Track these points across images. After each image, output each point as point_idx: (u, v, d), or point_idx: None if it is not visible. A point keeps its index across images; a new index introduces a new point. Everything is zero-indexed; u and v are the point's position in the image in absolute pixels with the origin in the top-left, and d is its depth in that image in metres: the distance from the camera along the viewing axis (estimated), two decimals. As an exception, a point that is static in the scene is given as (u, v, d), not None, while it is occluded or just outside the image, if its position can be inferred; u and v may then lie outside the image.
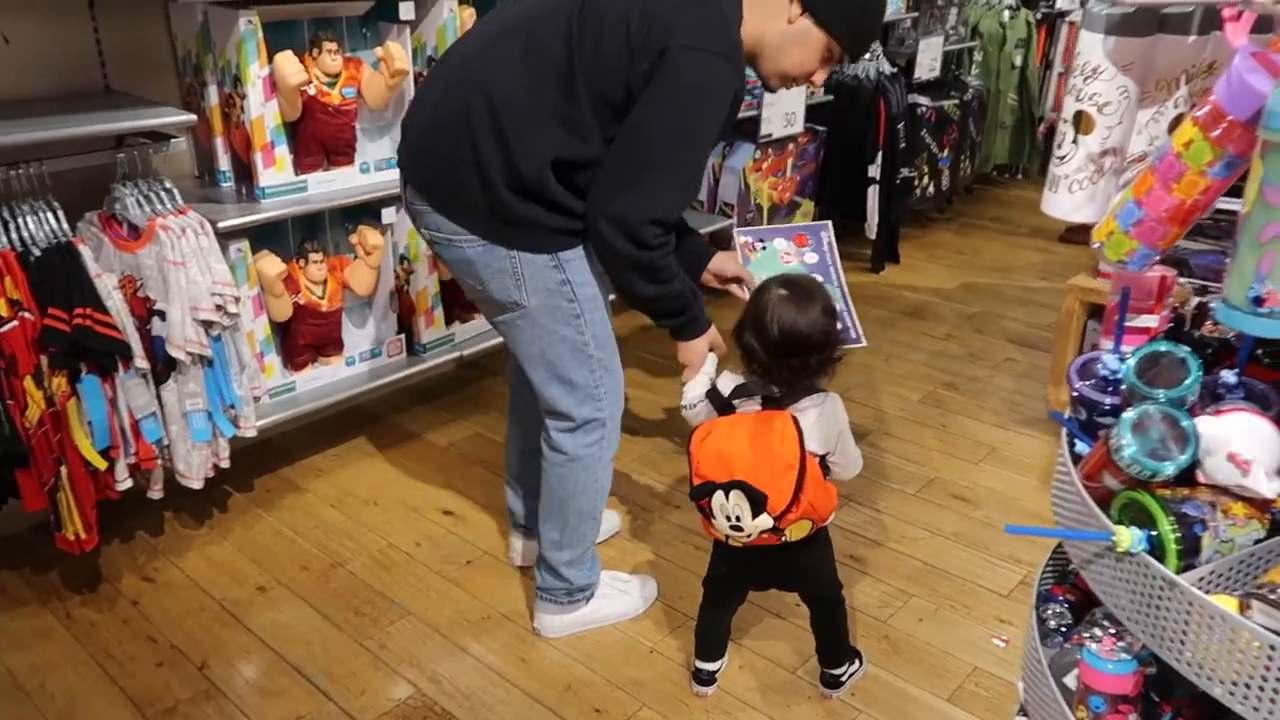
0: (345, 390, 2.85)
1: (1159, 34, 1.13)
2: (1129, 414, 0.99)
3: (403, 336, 2.98)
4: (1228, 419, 0.97)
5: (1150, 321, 1.24)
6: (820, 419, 1.78)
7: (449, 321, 3.09)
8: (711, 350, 1.99)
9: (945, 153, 4.89)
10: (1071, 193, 1.21)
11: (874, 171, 4.33)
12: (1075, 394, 1.21)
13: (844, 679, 2.08)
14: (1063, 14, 5.57)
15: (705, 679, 2.07)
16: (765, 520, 1.64)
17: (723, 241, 3.93)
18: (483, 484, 2.86)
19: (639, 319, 3.47)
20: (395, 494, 2.81)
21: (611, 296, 2.00)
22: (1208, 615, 0.89)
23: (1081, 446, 1.18)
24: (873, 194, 4.37)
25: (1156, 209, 1.04)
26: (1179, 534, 0.94)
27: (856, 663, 2.11)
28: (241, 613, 2.32)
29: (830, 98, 4.29)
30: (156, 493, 2.46)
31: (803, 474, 1.64)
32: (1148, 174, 1.06)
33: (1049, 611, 1.35)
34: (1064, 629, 1.34)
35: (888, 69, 4.33)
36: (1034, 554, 2.53)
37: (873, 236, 4.49)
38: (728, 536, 1.74)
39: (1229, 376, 1.11)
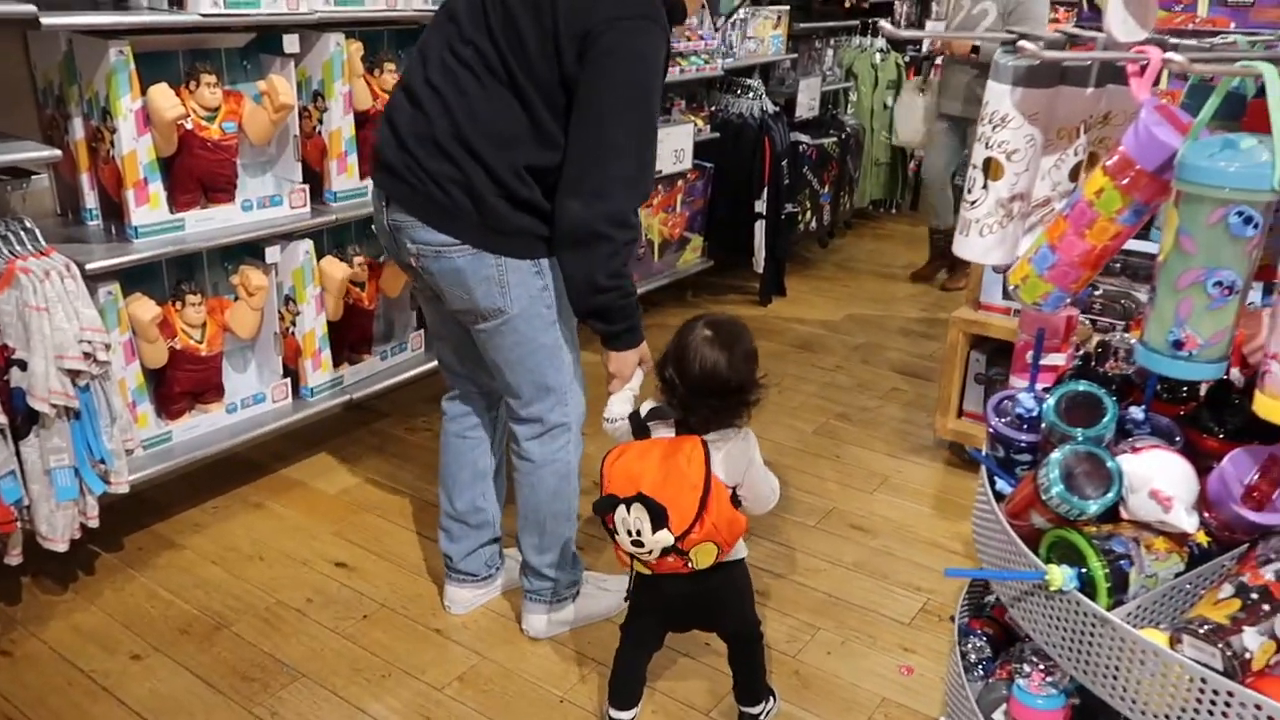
0: (226, 439, 2.70)
1: (1060, 85, 1.17)
2: (1055, 454, 1.01)
3: (288, 380, 2.85)
4: (1146, 457, 1.01)
5: (1058, 359, 1.29)
6: (730, 453, 1.80)
7: (337, 364, 2.97)
8: (640, 365, 2.01)
9: (826, 189, 5.04)
10: (982, 236, 1.24)
11: (760, 207, 4.42)
12: (991, 431, 1.24)
13: (760, 716, 2.07)
14: (929, 57, 5.85)
15: None
16: (665, 536, 1.65)
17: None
18: (376, 533, 2.74)
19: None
20: (282, 547, 2.66)
21: None
22: (1139, 650, 0.91)
23: (1001, 484, 1.21)
24: (759, 229, 4.46)
25: (1070, 254, 1.08)
26: (1108, 571, 0.96)
27: (771, 700, 2.10)
28: (114, 685, 2.15)
29: (716, 135, 4.36)
30: (15, 558, 2.26)
31: (706, 495, 1.66)
32: (1060, 220, 1.09)
33: (969, 645, 1.37)
34: (984, 662, 1.36)
35: (770, 108, 4.44)
36: (932, 581, 2.59)
37: (760, 270, 4.57)
38: (632, 556, 1.73)
39: (1137, 413, 1.15)
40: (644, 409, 1.86)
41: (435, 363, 3.23)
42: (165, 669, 2.20)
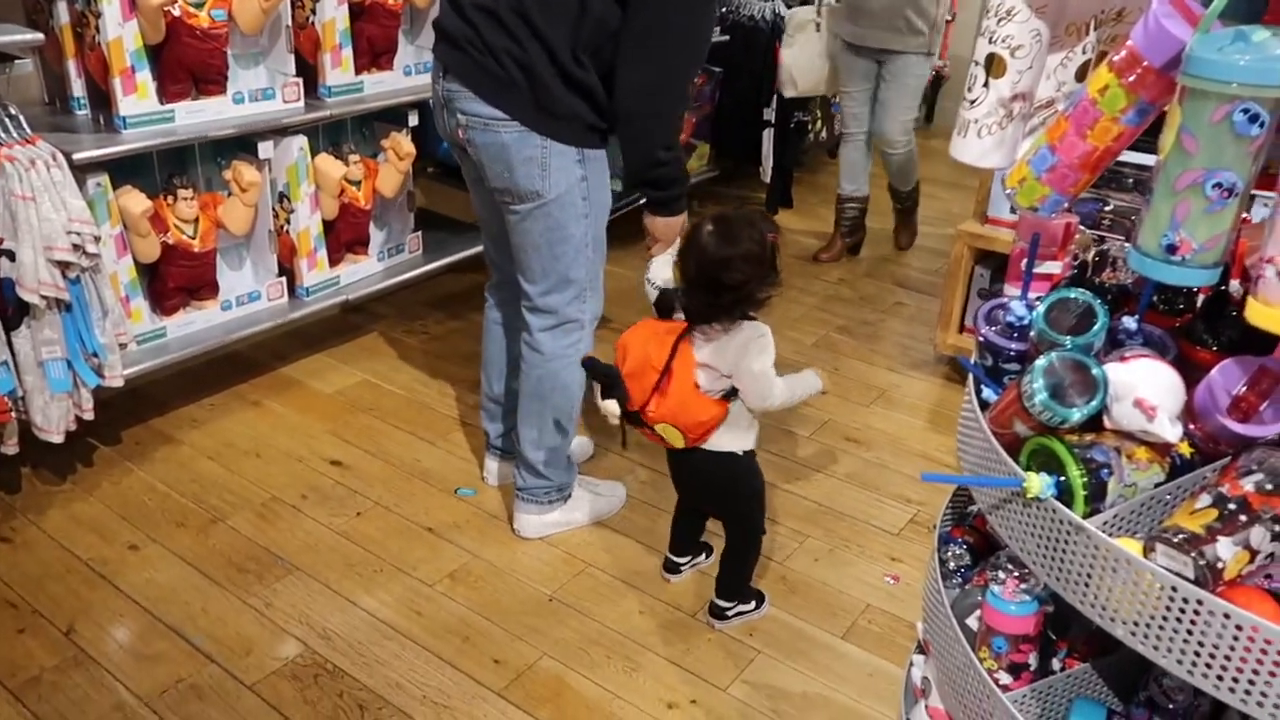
0: (221, 336, 2.69)
1: (1072, -24, 1.11)
2: (1040, 361, 0.99)
3: (283, 279, 2.83)
4: (1133, 365, 0.98)
5: (1054, 268, 1.25)
6: (726, 344, 1.83)
7: (334, 263, 2.94)
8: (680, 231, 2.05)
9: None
10: (980, 137, 1.20)
11: (769, 115, 4.31)
12: (981, 339, 1.22)
13: (730, 614, 2.10)
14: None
15: (670, 567, 2.22)
16: (613, 406, 1.81)
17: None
18: (372, 433, 2.75)
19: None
20: (278, 445, 2.68)
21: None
22: (1113, 559, 0.91)
23: (988, 393, 1.19)
24: (767, 138, 4.36)
25: (1070, 155, 1.03)
26: (1086, 479, 0.95)
27: (753, 604, 2.13)
28: (111, 573, 2.19)
29: (726, 38, 4.23)
30: (10, 448, 2.28)
31: (662, 378, 1.81)
32: (1062, 120, 1.05)
33: (948, 553, 1.37)
34: (963, 570, 1.36)
35: (784, 11, 4.29)
36: (922, 494, 2.60)
37: (767, 180, 4.49)
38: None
39: (1129, 323, 1.13)
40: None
41: (433, 265, 3.22)
42: (162, 559, 2.24)
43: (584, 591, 2.20)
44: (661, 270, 2.00)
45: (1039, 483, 0.96)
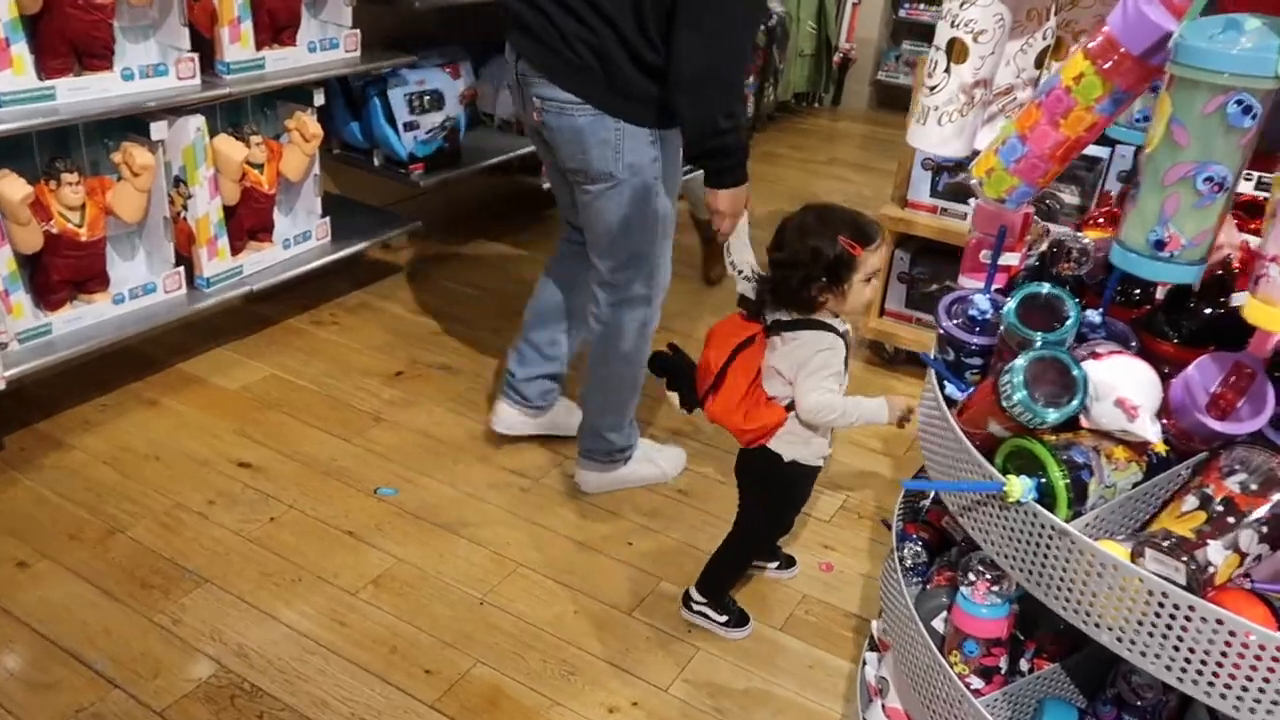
0: (113, 332, 2.50)
1: (1035, -41, 1.08)
2: (1019, 360, 0.95)
3: (181, 270, 2.64)
4: (1111, 363, 0.96)
5: (1011, 260, 1.23)
6: (793, 350, 1.75)
7: (236, 252, 2.77)
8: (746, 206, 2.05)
9: (751, 79, 4.89)
10: (941, 125, 1.16)
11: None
12: (942, 333, 1.18)
13: (695, 608, 2.05)
14: (858, -56, 5.68)
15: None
16: (673, 398, 1.89)
17: (533, 167, 3.76)
18: (282, 431, 2.61)
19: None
20: (181, 446, 2.51)
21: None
22: (1099, 564, 0.88)
23: (951, 389, 1.16)
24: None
25: (1041, 145, 1.00)
26: (1068, 481, 0.92)
27: (725, 619, 2.04)
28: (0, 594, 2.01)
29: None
30: (-122, 459, 2.07)
31: (718, 381, 1.80)
32: (1033, 108, 1.01)
33: (905, 550, 1.34)
34: (920, 567, 1.33)
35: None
36: (850, 480, 2.59)
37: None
38: None
39: (1093, 316, 1.11)
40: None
41: (342, 253, 3.07)
42: (55, 576, 2.07)
43: (516, 593, 2.12)
44: (742, 252, 1.91)
45: (1020, 486, 0.93)
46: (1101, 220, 1.41)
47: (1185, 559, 0.82)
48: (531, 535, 2.30)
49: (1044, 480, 0.93)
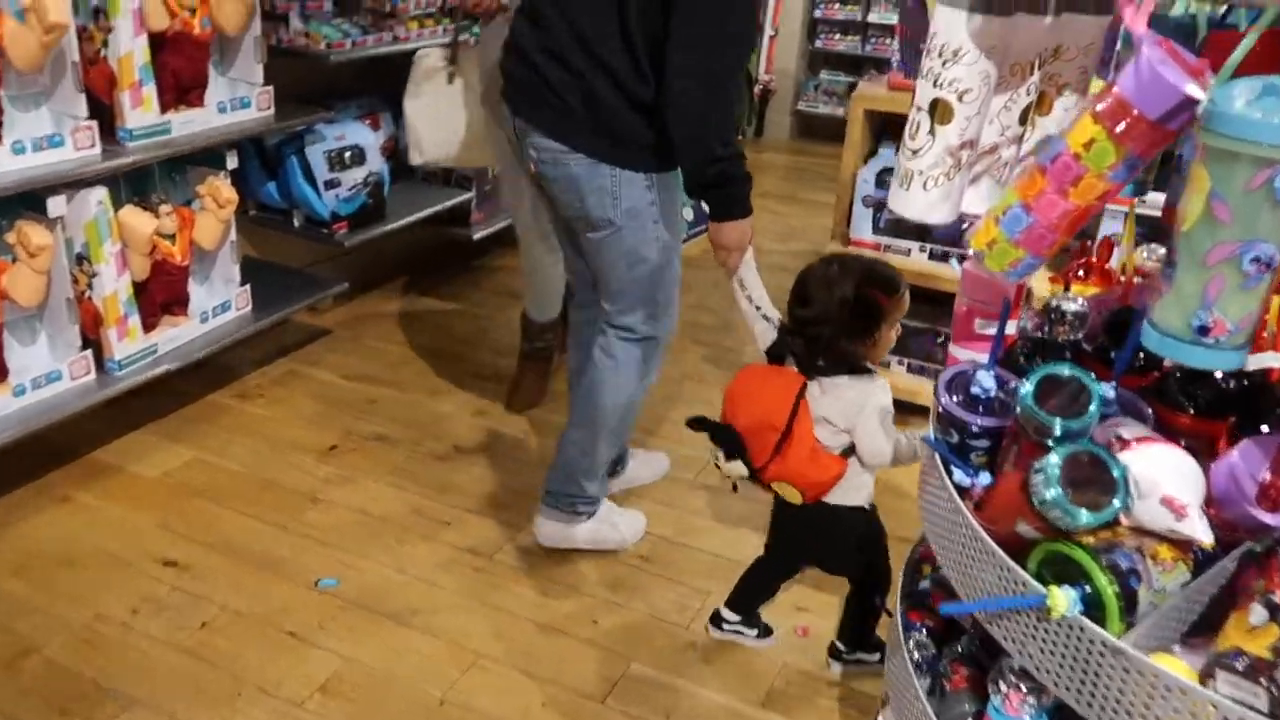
0: (15, 427, 2.29)
1: (1018, 12, 1.00)
2: (1053, 458, 0.86)
3: (89, 354, 2.44)
4: (1148, 455, 0.88)
5: (1008, 328, 1.15)
6: (844, 397, 1.72)
7: (149, 329, 2.58)
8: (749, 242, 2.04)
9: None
10: (926, 190, 1.08)
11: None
12: (942, 412, 1.09)
13: (847, 659, 2.04)
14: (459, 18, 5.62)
15: (714, 618, 2.11)
16: (739, 468, 1.74)
17: (462, 218, 3.63)
18: (210, 521, 2.41)
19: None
20: (98, 547, 2.30)
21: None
22: (1162, 686, 0.79)
23: (959, 475, 1.06)
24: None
25: (1048, 215, 0.93)
26: (1118, 590, 0.84)
27: (877, 656, 2.01)
28: (-107, 738, 1.79)
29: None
30: None
31: (784, 438, 1.69)
32: (1036, 175, 0.94)
33: (910, 642, 1.25)
34: (928, 660, 1.24)
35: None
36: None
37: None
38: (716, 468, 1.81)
39: (1107, 390, 1.03)
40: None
41: (265, 321, 2.89)
42: (-42, 711, 1.85)
43: (477, 688, 1.97)
44: (756, 288, 1.93)
45: (1064, 599, 0.84)
46: (1082, 274, 1.34)
47: (1265, 682, 0.74)
48: (489, 620, 2.16)
49: (1088, 589, 0.84)
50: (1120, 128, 0.87)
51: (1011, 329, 1.16)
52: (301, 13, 2.96)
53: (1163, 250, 1.40)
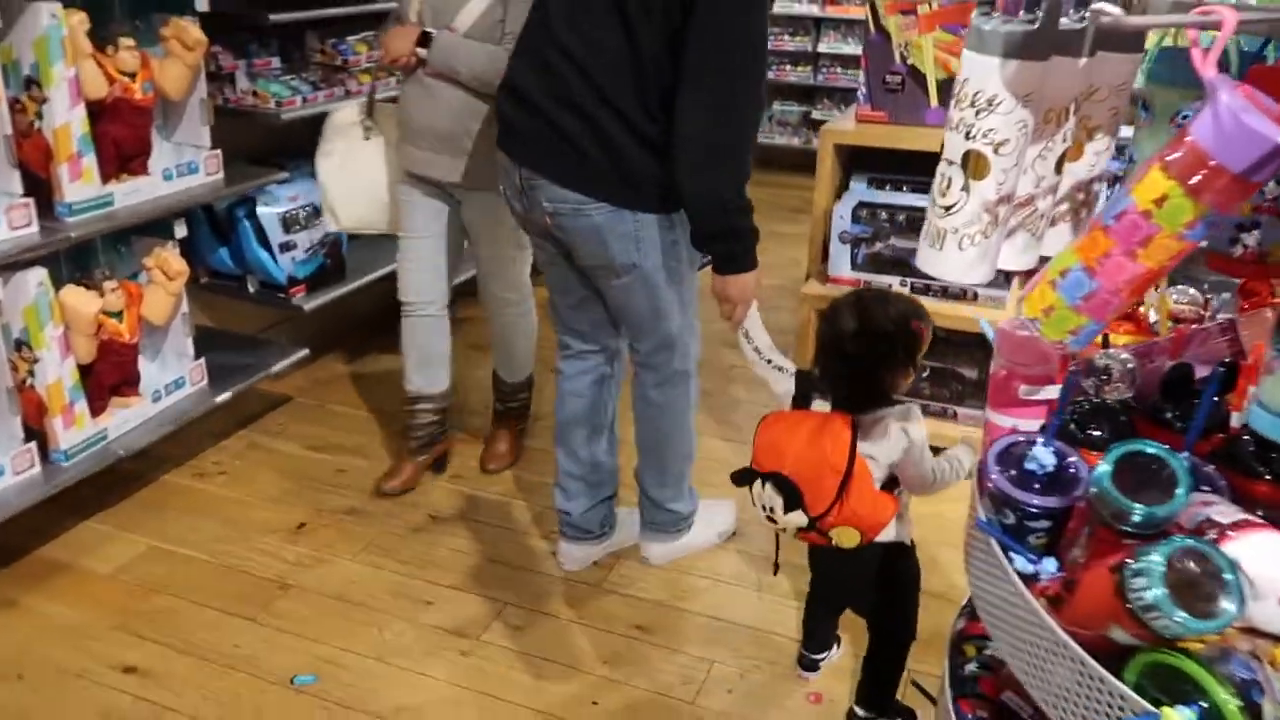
0: (-46, 530, 2.11)
1: (1054, 55, 0.92)
2: (1155, 557, 0.76)
3: (33, 446, 2.27)
4: (1257, 546, 0.79)
5: (1052, 392, 1.05)
6: (887, 431, 1.68)
7: (97, 414, 2.41)
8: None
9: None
10: (962, 250, 0.99)
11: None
12: (994, 489, 0.99)
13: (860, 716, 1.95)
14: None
15: (809, 665, 2.11)
16: (799, 518, 1.64)
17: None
18: (172, 619, 2.24)
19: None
20: (50, 657, 2.12)
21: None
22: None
23: (1020, 562, 0.96)
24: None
25: (1115, 279, 0.84)
26: (1240, 704, 0.74)
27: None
28: None
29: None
30: None
31: (847, 479, 1.61)
32: (1098, 235, 0.85)
33: (962, 736, 1.14)
34: (986, 757, 1.13)
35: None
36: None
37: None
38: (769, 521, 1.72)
39: (1182, 465, 0.93)
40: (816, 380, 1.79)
41: (222, 397, 2.73)
42: None
43: (477, 787, 1.83)
44: (762, 337, 1.90)
45: None
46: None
47: None
48: (482, 711, 2.01)
49: (1205, 706, 0.74)
50: (1196, 180, 0.78)
51: (1052, 390, 1.06)
52: (248, 71, 2.83)
53: (1193, 291, 1.33)
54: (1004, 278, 2.78)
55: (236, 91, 2.83)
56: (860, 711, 1.94)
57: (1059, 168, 1.03)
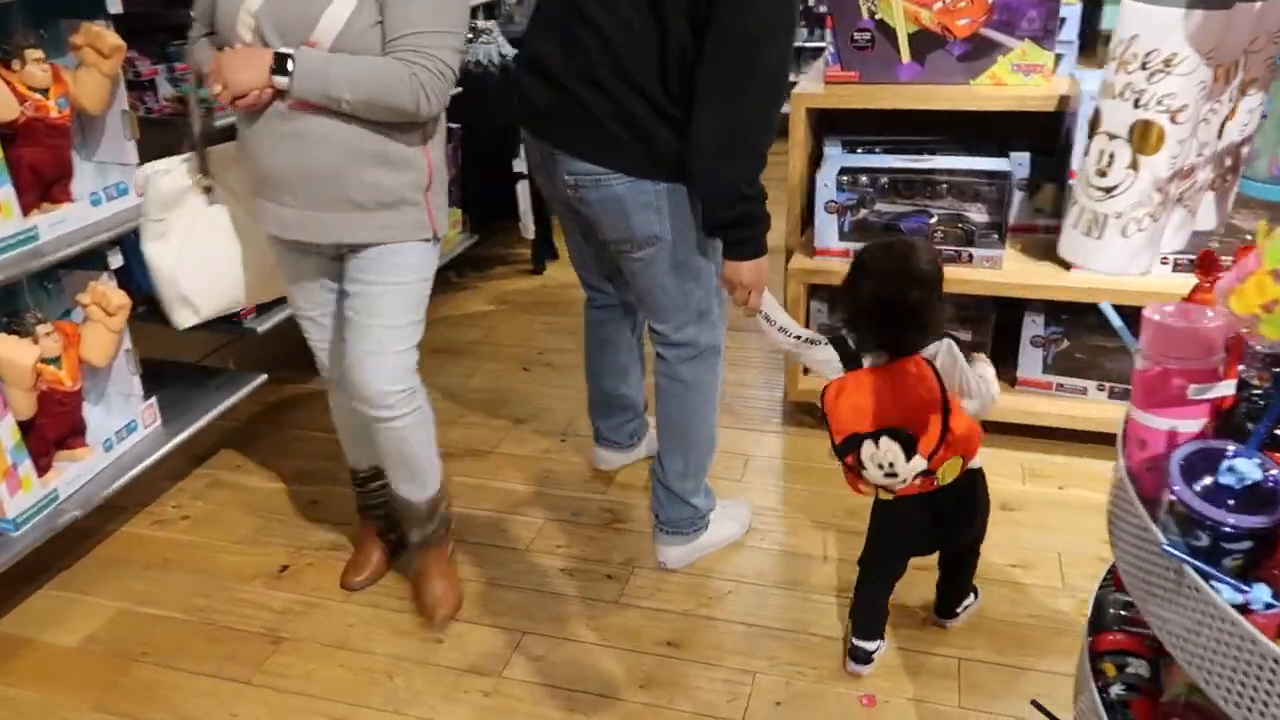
0: (-104, 625, 1.86)
1: (1236, 2, 0.78)
2: None
3: (-24, 518, 2.02)
4: None
5: (1226, 389, 0.93)
6: (942, 363, 1.74)
7: (44, 473, 2.16)
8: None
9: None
10: (1127, 236, 0.87)
11: (520, 165, 3.87)
12: (1185, 509, 0.87)
13: (959, 610, 2.10)
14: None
15: (863, 657, 2.01)
16: (919, 462, 1.68)
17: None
18: (156, 690, 2.03)
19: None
20: (23, 752, 1.90)
21: None
22: None
23: (1229, 592, 0.84)
24: (522, 189, 3.92)
25: (1356, 264, 0.72)
26: None
27: (972, 596, 2.11)
28: None
29: (458, 89, 3.73)
30: None
31: (947, 410, 1.67)
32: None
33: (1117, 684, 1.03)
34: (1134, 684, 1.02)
35: (509, 51, 3.87)
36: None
37: (530, 236, 4.05)
38: (880, 488, 1.77)
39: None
40: (851, 340, 1.84)
41: (181, 436, 2.50)
42: None
43: None
44: (783, 317, 1.97)
45: None
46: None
47: None
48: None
49: None
50: None
51: (1230, 390, 0.94)
52: (169, 76, 2.56)
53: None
54: (998, 237, 2.69)
55: (159, 99, 2.56)
56: (944, 620, 2.10)
57: (1221, 131, 0.90)
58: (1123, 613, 1.25)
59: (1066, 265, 2.63)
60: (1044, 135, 2.76)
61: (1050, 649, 2.05)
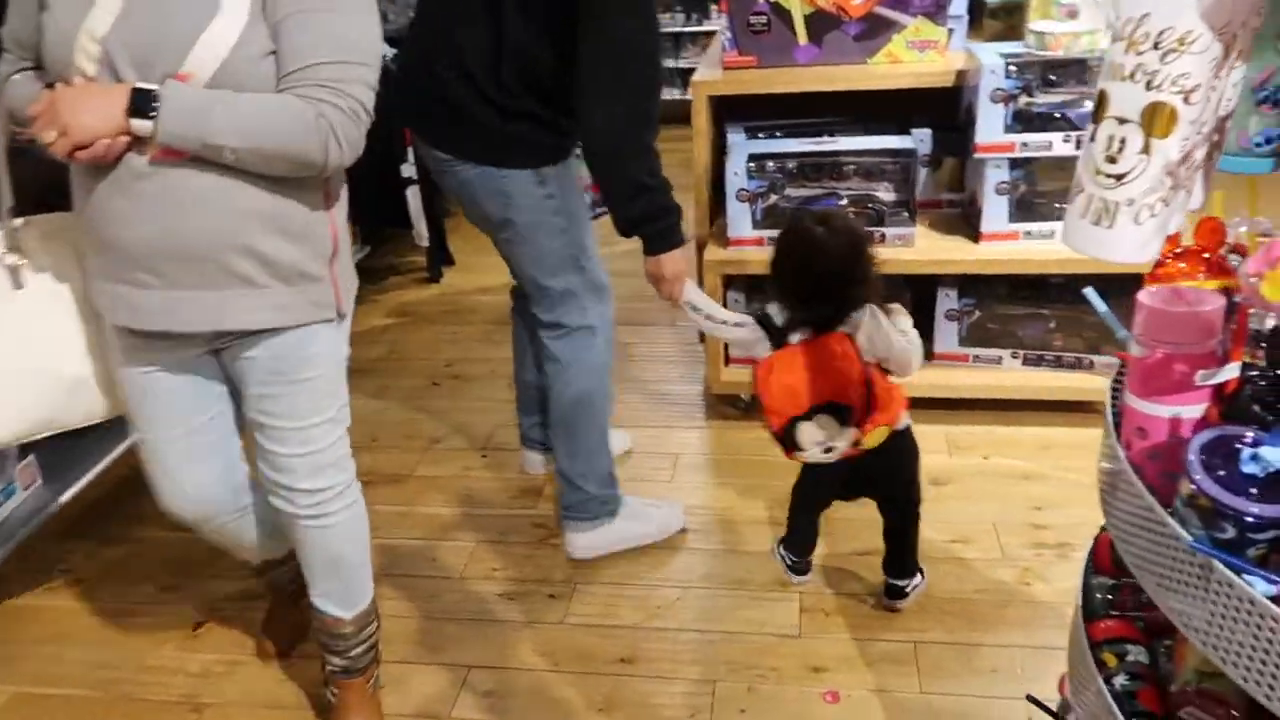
0: None
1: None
2: None
3: None
4: None
5: (1231, 372, 0.90)
6: (866, 333, 1.80)
7: (-90, 553, 1.92)
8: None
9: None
10: (1139, 224, 0.83)
11: (409, 170, 3.71)
12: (1210, 499, 0.84)
13: (908, 590, 2.08)
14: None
15: (802, 569, 2.17)
16: (852, 433, 1.78)
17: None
18: (70, 781, 1.83)
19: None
20: None
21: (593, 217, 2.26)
22: None
23: (1262, 585, 0.81)
24: (413, 194, 3.76)
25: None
26: None
27: (919, 576, 2.10)
28: None
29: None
30: None
31: (871, 384, 1.77)
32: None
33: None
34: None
35: (388, 51, 3.68)
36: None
37: (424, 243, 3.89)
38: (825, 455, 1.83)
39: None
40: (776, 317, 1.88)
41: (68, 494, 2.28)
42: None
43: None
44: (710, 306, 2.03)
45: None
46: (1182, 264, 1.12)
47: None
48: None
49: None
50: None
51: (1236, 372, 0.91)
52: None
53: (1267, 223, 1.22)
54: (908, 214, 2.70)
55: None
56: (896, 583, 2.09)
57: (1218, 108, 0.87)
58: (1109, 596, 1.23)
59: (975, 238, 2.67)
60: (941, 110, 2.78)
61: (1000, 621, 2.06)
